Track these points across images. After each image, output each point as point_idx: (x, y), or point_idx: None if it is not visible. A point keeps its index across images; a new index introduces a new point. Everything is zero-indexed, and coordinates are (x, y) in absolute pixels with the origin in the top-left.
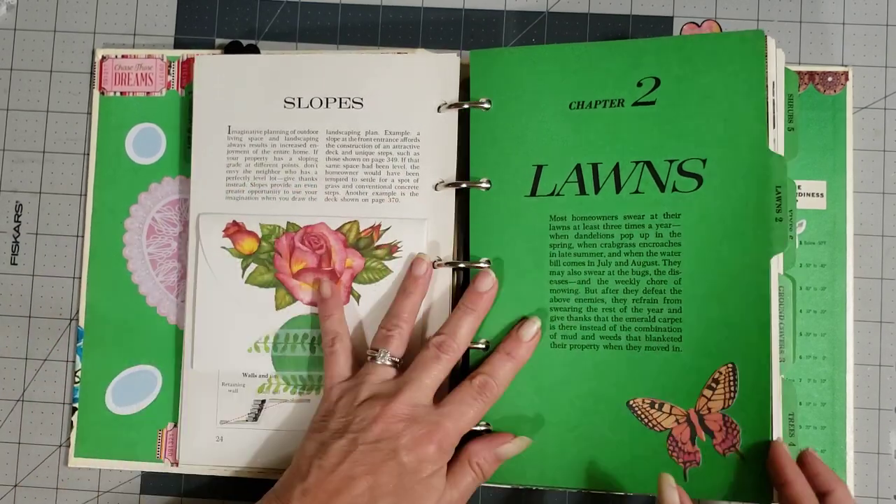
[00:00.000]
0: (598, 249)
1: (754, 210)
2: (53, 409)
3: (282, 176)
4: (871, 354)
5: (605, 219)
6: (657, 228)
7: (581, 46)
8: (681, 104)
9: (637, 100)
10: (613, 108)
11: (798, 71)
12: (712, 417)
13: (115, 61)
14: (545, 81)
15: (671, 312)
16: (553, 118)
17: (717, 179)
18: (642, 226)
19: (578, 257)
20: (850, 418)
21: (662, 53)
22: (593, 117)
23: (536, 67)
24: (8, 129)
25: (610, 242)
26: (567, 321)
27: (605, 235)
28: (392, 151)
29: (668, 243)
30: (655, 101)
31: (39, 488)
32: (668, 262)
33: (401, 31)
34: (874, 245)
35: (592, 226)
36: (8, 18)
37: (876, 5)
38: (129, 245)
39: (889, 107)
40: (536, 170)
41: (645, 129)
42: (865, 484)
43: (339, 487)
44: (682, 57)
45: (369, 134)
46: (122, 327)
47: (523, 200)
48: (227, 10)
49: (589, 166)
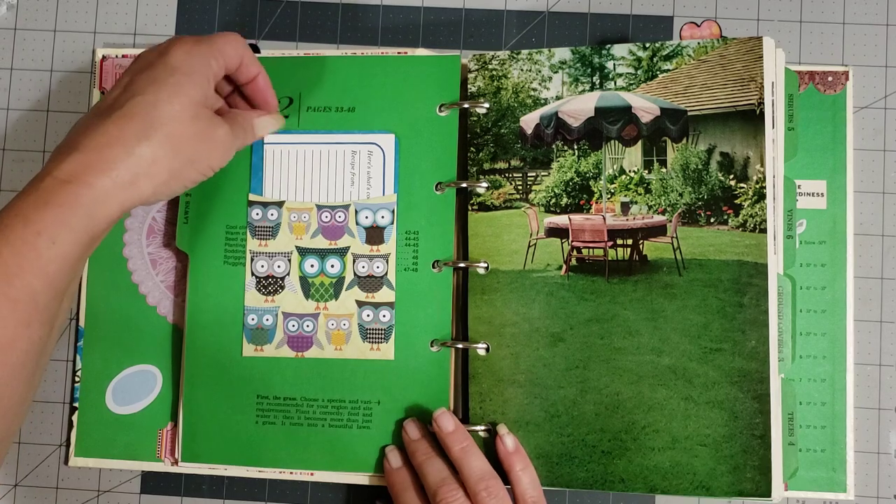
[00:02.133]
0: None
1: None
2: (53, 409)
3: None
4: (871, 354)
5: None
6: None
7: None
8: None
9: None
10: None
11: (798, 71)
12: None
13: (115, 61)
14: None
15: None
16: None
17: None
18: None
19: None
20: (850, 418)
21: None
22: None
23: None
24: (8, 129)
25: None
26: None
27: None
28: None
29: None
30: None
31: (39, 488)
32: None
33: (401, 31)
34: (874, 244)
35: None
36: (8, 18)
37: (876, 5)
38: (129, 245)
39: (889, 106)
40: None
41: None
42: (865, 483)
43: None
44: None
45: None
46: (122, 327)
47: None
48: (227, 9)
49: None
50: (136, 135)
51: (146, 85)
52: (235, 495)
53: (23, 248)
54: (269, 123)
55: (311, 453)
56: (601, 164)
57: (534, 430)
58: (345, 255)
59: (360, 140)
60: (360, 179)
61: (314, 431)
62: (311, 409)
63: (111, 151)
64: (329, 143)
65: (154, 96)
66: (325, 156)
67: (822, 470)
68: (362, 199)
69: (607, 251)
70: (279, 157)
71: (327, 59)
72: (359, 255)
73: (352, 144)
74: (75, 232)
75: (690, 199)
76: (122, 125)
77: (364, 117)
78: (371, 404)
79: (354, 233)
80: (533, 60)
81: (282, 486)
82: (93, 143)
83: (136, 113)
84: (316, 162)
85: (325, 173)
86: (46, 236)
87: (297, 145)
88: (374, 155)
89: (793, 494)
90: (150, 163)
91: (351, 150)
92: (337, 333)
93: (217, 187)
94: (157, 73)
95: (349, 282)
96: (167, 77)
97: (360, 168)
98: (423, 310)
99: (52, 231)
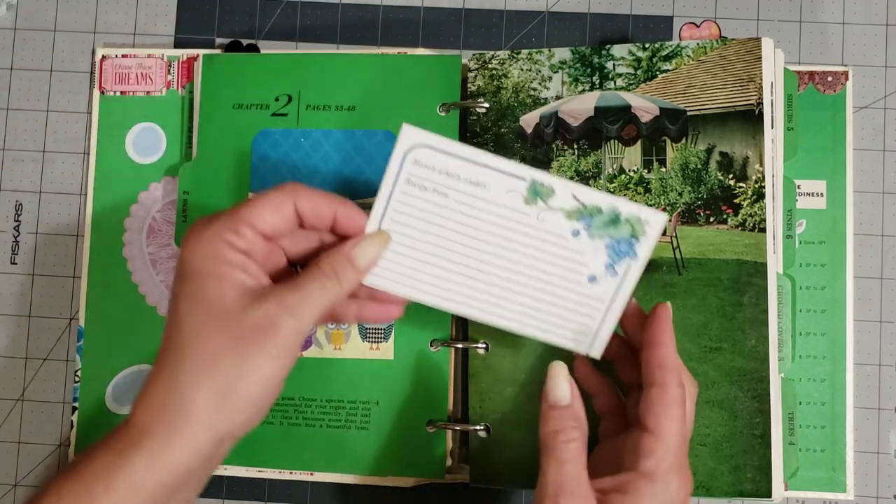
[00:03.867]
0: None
1: None
2: (53, 409)
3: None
4: (871, 354)
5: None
6: None
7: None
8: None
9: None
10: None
11: (798, 71)
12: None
13: (115, 61)
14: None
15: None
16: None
17: None
18: None
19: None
20: (849, 418)
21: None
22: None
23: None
24: (8, 129)
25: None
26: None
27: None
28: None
29: None
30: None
31: (40, 488)
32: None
33: (401, 31)
34: (874, 244)
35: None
36: (8, 18)
37: (876, 5)
38: (129, 244)
39: (889, 106)
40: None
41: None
42: (865, 484)
43: None
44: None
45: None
46: (122, 327)
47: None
48: (228, 9)
49: None
50: (172, 366)
51: (171, 300)
52: (235, 495)
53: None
54: (371, 248)
55: (309, 454)
56: (601, 163)
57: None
58: None
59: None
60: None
61: (312, 432)
62: (310, 409)
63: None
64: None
65: (173, 314)
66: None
67: (821, 470)
68: (363, 199)
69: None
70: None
71: (327, 57)
72: None
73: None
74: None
75: (690, 199)
76: (157, 360)
77: (364, 116)
78: (370, 405)
79: None
80: (533, 60)
81: (281, 486)
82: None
83: (164, 337)
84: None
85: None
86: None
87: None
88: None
89: (793, 494)
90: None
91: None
92: (336, 333)
93: (216, 186)
94: (174, 282)
95: None
96: (180, 285)
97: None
98: (423, 309)
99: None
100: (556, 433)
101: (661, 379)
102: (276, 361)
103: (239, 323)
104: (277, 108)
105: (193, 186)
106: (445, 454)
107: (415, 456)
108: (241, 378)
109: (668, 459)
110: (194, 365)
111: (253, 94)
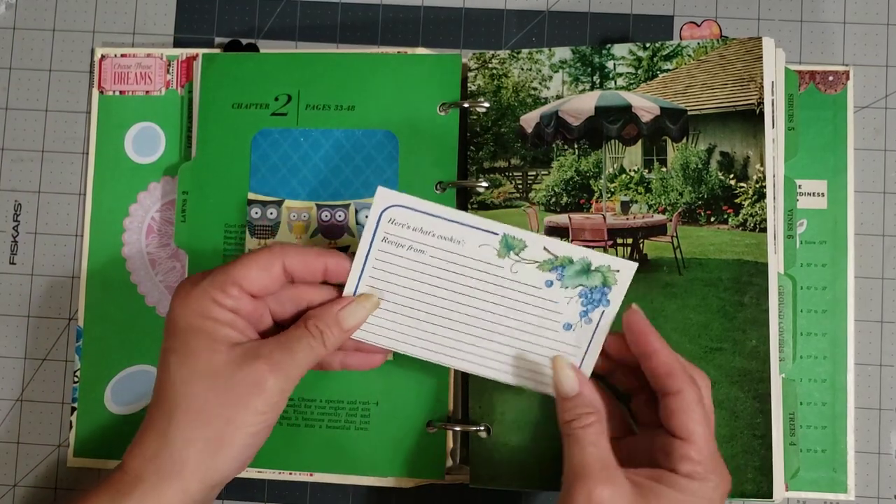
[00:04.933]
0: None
1: None
2: (52, 409)
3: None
4: (872, 354)
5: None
6: None
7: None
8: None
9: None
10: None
11: (798, 70)
12: None
13: (114, 60)
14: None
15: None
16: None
17: None
18: None
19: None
20: (850, 418)
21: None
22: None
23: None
24: (7, 129)
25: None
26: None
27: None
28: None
29: None
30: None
31: (39, 488)
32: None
33: (401, 31)
34: (875, 245)
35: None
36: (7, 17)
37: (876, 4)
38: (128, 244)
39: (890, 106)
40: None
41: None
42: (866, 484)
43: None
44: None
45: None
46: (121, 327)
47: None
48: (227, 8)
49: None
50: (162, 418)
51: (161, 355)
52: (234, 495)
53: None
54: (360, 311)
55: (308, 454)
56: (601, 163)
57: (533, 430)
58: None
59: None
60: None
61: (312, 432)
62: (309, 410)
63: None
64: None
65: (164, 369)
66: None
67: (822, 470)
68: (362, 198)
69: (607, 250)
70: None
71: (327, 56)
72: None
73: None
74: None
75: (690, 199)
76: (150, 410)
77: (364, 116)
78: (369, 405)
79: (355, 232)
80: (533, 60)
81: (281, 487)
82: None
83: (155, 389)
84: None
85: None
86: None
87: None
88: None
89: (793, 495)
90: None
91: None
92: None
93: (215, 186)
94: (164, 337)
95: None
96: (169, 341)
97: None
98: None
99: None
100: (572, 422)
101: (675, 387)
102: (263, 416)
103: (228, 381)
104: (277, 108)
105: (193, 186)
106: (445, 455)
107: (415, 456)
108: (231, 434)
109: (704, 462)
110: (184, 418)
111: (252, 93)
